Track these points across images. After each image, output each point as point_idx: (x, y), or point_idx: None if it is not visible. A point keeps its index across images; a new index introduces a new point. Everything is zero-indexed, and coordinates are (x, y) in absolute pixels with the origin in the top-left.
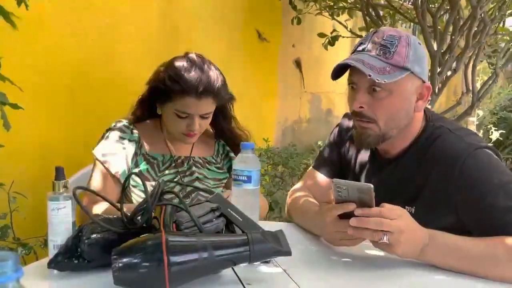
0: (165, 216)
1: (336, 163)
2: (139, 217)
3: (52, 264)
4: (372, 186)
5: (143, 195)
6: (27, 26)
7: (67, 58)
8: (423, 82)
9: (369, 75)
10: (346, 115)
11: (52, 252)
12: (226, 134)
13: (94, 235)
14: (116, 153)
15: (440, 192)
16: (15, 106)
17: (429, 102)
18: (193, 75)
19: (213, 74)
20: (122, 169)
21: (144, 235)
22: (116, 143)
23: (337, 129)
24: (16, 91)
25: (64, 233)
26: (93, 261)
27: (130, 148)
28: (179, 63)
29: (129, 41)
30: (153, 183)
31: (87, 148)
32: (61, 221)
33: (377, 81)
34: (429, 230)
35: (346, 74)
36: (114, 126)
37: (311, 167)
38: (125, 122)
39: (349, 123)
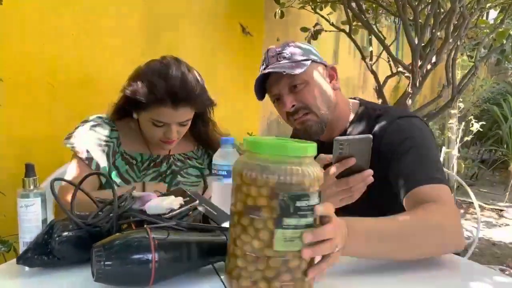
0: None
1: None
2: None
3: (21, 260)
4: (371, 136)
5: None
6: (5, 22)
7: (47, 54)
8: (326, 66)
9: (284, 71)
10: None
11: (22, 249)
12: (203, 138)
13: (65, 233)
14: (95, 150)
15: (375, 160)
16: None
17: (410, 96)
18: (168, 84)
19: (191, 81)
20: (103, 166)
21: (127, 231)
22: (95, 139)
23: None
24: None
25: (34, 230)
26: (64, 258)
27: (110, 145)
28: (153, 71)
29: (110, 37)
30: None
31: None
32: (30, 219)
33: (292, 73)
34: (347, 220)
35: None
36: (93, 120)
37: None
38: (105, 117)
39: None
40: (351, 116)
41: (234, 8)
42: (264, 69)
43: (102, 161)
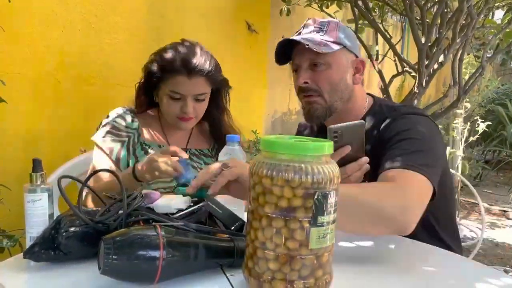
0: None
1: None
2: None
3: (28, 254)
4: (363, 121)
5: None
6: (13, 18)
7: (53, 49)
8: (356, 57)
9: (307, 45)
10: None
11: (29, 244)
12: (219, 130)
13: (72, 228)
14: (116, 141)
15: (378, 157)
16: None
17: (416, 95)
18: (183, 54)
19: (205, 56)
20: (124, 157)
21: (136, 227)
22: (117, 131)
23: (296, 129)
24: None
25: (40, 225)
26: (70, 253)
27: (130, 135)
28: (172, 46)
29: (116, 32)
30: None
31: (73, 140)
32: (37, 213)
33: (314, 49)
34: None
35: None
36: (116, 114)
37: None
38: (126, 110)
39: (305, 123)
40: (364, 112)
41: (240, 6)
42: (297, 35)
43: (122, 151)
